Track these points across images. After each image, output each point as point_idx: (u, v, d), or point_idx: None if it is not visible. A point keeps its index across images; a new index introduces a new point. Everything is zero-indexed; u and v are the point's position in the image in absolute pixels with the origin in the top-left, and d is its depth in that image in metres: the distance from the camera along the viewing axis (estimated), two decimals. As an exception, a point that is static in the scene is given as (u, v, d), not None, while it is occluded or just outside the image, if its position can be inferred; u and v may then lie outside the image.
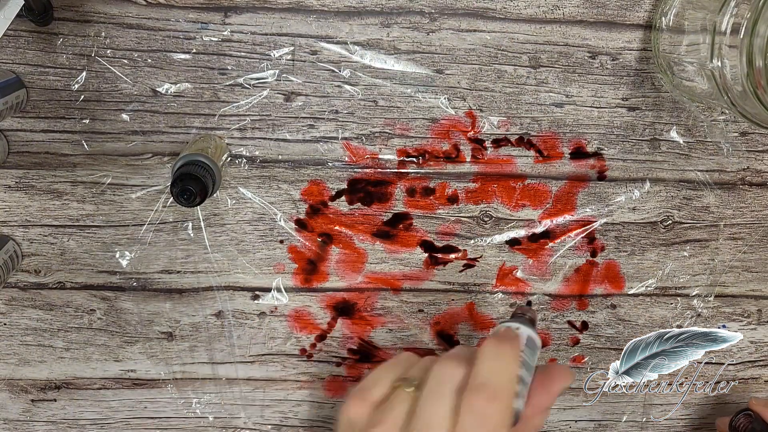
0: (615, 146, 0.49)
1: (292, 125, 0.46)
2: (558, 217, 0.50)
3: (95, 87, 0.45)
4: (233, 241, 0.49)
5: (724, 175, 0.50)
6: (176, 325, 0.50)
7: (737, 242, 0.52)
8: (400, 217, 0.49)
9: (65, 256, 0.48)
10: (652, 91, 0.48)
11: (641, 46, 0.46)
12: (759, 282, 0.53)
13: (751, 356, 0.55)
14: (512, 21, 0.45)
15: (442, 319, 0.52)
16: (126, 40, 0.44)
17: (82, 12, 0.43)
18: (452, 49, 0.46)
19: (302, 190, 0.48)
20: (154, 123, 0.46)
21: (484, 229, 0.50)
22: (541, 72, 0.47)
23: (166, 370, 0.51)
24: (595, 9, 0.45)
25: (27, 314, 0.49)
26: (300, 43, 0.45)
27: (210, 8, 0.44)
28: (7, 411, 0.51)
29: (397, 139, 0.47)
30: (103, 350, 0.50)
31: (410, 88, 0.46)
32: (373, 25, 0.45)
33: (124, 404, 0.52)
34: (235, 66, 0.45)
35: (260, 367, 0.52)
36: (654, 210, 0.50)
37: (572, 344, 0.53)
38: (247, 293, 0.50)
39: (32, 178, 0.46)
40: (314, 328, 0.51)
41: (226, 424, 0.53)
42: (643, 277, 0.52)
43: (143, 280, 0.49)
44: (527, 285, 0.51)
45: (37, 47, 0.43)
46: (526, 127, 0.48)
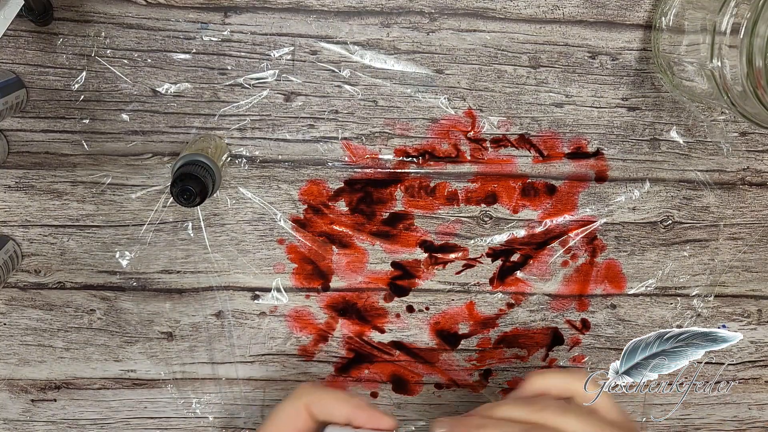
0: (615, 146, 0.49)
1: (292, 125, 0.46)
2: (558, 217, 0.50)
3: (95, 87, 0.45)
4: (233, 241, 0.49)
5: (724, 175, 0.50)
6: (176, 325, 0.50)
7: (737, 242, 0.52)
8: (400, 217, 0.49)
9: (65, 256, 0.48)
10: (652, 91, 0.48)
11: (641, 46, 0.46)
12: (759, 282, 0.53)
13: (751, 356, 0.55)
14: (512, 21, 0.45)
15: (442, 319, 0.52)
16: (126, 40, 0.44)
17: (82, 12, 0.43)
18: (452, 49, 0.46)
19: (302, 190, 0.48)
20: (154, 123, 0.46)
21: (484, 229, 0.50)
22: (541, 72, 0.47)
23: (166, 370, 0.51)
24: (595, 9, 0.45)
25: (27, 314, 0.49)
26: (300, 43, 0.45)
27: (210, 8, 0.44)
28: (7, 411, 0.51)
29: (397, 139, 0.47)
30: (103, 350, 0.50)
31: (410, 88, 0.46)
32: (373, 25, 0.45)
33: (124, 404, 0.52)
34: (235, 66, 0.45)
35: (260, 367, 0.52)
36: (654, 210, 0.50)
37: (572, 344, 0.53)
38: (247, 293, 0.50)
39: (32, 178, 0.46)
40: (314, 328, 0.51)
41: (226, 424, 0.53)
42: (643, 277, 0.52)
43: (143, 280, 0.49)
44: (527, 285, 0.51)
45: (37, 47, 0.43)
46: (526, 127, 0.48)
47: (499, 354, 0.53)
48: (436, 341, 0.52)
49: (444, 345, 0.52)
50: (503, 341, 0.53)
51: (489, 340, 0.53)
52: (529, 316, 0.52)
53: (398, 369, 0.53)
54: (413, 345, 0.52)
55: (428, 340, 0.52)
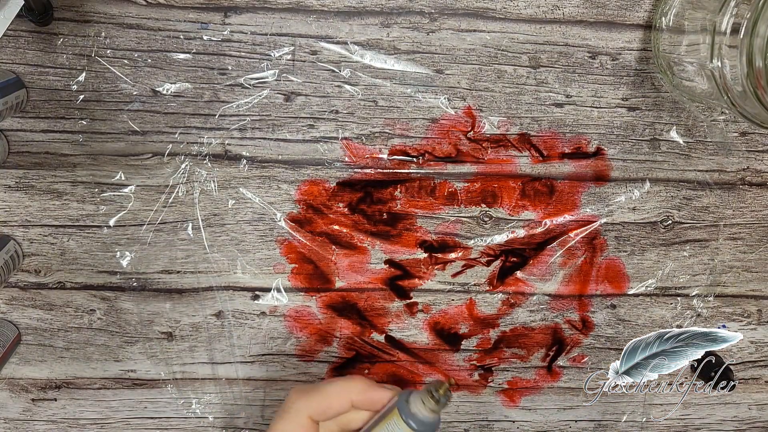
0: (615, 146, 0.49)
1: (292, 125, 0.46)
2: (558, 217, 0.50)
3: (95, 87, 0.45)
4: (233, 241, 0.49)
5: (724, 175, 0.50)
6: (176, 325, 0.50)
7: (737, 242, 0.52)
8: (400, 217, 0.49)
9: (65, 256, 0.48)
10: (652, 91, 0.48)
11: (641, 46, 0.46)
12: (759, 282, 0.53)
13: (752, 356, 0.55)
14: (512, 21, 0.45)
15: (442, 319, 0.52)
16: (126, 40, 0.44)
17: (82, 12, 0.43)
18: (452, 49, 0.46)
19: (302, 190, 0.48)
20: (154, 123, 0.46)
21: (484, 229, 0.50)
22: (541, 72, 0.47)
23: (166, 370, 0.51)
24: (595, 9, 0.45)
25: (27, 314, 0.49)
26: (300, 43, 0.45)
27: (210, 8, 0.44)
28: (7, 410, 0.51)
29: (397, 139, 0.47)
30: (103, 350, 0.50)
31: (410, 88, 0.46)
32: (373, 25, 0.45)
33: (124, 404, 0.52)
34: (235, 66, 0.45)
35: (260, 367, 0.52)
36: (654, 210, 0.50)
37: (573, 344, 0.53)
38: (247, 293, 0.50)
39: (32, 178, 0.46)
40: (314, 328, 0.51)
41: (226, 424, 0.53)
42: (643, 277, 0.52)
43: (143, 280, 0.49)
44: (527, 285, 0.51)
45: (37, 47, 0.43)
46: (526, 127, 0.48)
47: (499, 354, 0.53)
48: (436, 341, 0.52)
49: (444, 345, 0.52)
50: (503, 341, 0.53)
51: (489, 340, 0.53)
52: (529, 316, 0.52)
53: (398, 369, 0.53)
54: (413, 345, 0.52)
55: (428, 340, 0.52)
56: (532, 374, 0.54)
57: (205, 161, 0.47)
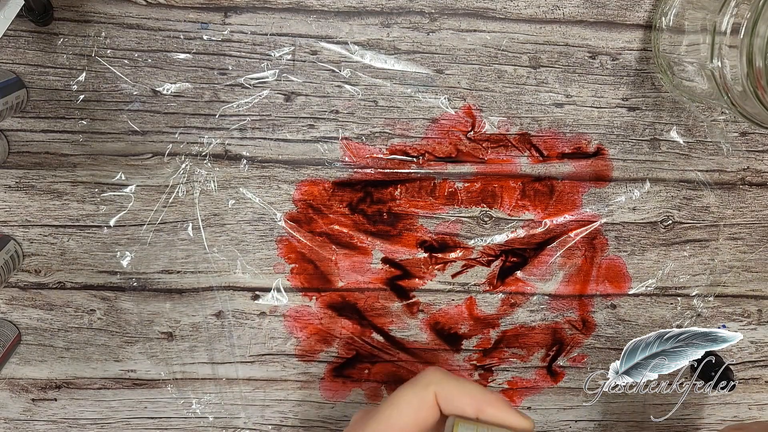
0: (615, 146, 0.49)
1: (292, 125, 0.46)
2: (558, 217, 0.50)
3: (95, 87, 0.45)
4: (233, 241, 0.49)
5: (724, 175, 0.50)
6: (176, 325, 0.50)
7: (737, 242, 0.52)
8: (400, 217, 0.49)
9: (65, 256, 0.48)
10: (652, 91, 0.48)
11: (641, 46, 0.46)
12: (759, 282, 0.53)
13: (752, 356, 0.55)
14: (512, 21, 0.45)
15: (442, 319, 0.52)
16: (126, 40, 0.44)
17: (82, 12, 0.43)
18: (452, 49, 0.46)
19: (302, 190, 0.48)
20: (154, 123, 0.46)
21: (484, 229, 0.50)
22: (541, 72, 0.47)
23: (166, 370, 0.51)
24: (595, 9, 0.45)
25: (27, 314, 0.49)
26: (300, 43, 0.45)
27: (210, 8, 0.44)
28: (7, 410, 0.51)
29: (397, 139, 0.47)
30: (103, 350, 0.50)
31: (410, 88, 0.46)
32: (373, 25, 0.45)
33: (124, 404, 0.52)
34: (235, 66, 0.45)
35: (260, 367, 0.52)
36: (654, 210, 0.50)
37: (573, 344, 0.53)
38: (247, 293, 0.50)
39: (32, 178, 0.46)
40: (314, 328, 0.51)
41: (226, 424, 0.53)
42: (643, 277, 0.52)
43: (143, 280, 0.49)
44: (527, 285, 0.51)
45: (37, 47, 0.43)
46: (526, 127, 0.48)
47: (499, 354, 0.53)
48: (436, 341, 0.52)
49: (444, 345, 0.52)
50: (503, 341, 0.53)
51: (489, 340, 0.53)
52: (529, 316, 0.52)
53: (398, 369, 0.53)
54: (413, 345, 0.52)
55: (428, 340, 0.52)
56: (532, 374, 0.54)
57: (205, 161, 0.47)
